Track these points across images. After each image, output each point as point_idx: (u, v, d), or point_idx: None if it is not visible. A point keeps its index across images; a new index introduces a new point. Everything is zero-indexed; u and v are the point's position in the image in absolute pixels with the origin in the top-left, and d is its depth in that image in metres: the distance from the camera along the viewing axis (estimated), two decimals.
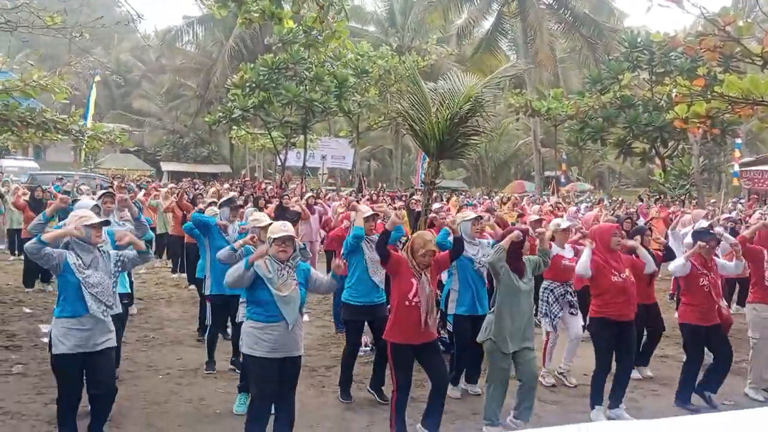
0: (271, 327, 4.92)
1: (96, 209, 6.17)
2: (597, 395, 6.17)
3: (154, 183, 25.22)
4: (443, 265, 5.80)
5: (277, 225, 5.20)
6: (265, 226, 5.83)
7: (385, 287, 6.61)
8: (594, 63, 28.82)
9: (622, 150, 23.21)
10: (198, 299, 9.18)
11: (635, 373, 7.14)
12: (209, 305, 7.75)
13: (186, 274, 12.15)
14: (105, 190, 7.73)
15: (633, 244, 6.87)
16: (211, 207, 8.03)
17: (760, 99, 11.27)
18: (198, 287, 9.04)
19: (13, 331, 8.70)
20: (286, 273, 5.00)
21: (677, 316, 6.95)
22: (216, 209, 7.83)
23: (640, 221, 12.16)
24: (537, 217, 9.38)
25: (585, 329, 7.49)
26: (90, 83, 27.50)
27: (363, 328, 6.89)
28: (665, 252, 7.78)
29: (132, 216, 6.81)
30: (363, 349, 7.60)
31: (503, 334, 5.44)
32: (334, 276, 5.33)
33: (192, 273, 10.72)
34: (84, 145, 23.94)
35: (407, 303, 5.31)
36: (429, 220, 8.19)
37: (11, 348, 7.93)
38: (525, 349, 5.61)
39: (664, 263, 7.73)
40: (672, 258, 7.43)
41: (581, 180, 42.52)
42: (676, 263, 6.71)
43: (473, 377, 6.85)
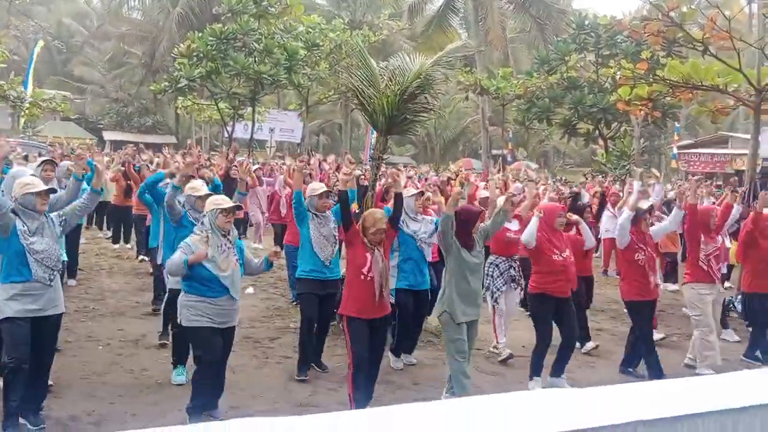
0: (216, 300, 5.04)
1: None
2: (536, 367, 6.34)
3: (96, 153, 24.46)
4: (391, 235, 5.82)
5: (219, 197, 5.27)
6: (203, 195, 5.80)
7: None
8: (543, 44, 29.07)
9: (567, 130, 23.66)
10: (144, 271, 9.01)
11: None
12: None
13: (136, 244, 11.91)
14: (44, 157, 7.49)
15: (577, 218, 7.23)
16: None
17: (699, 84, 11.66)
18: (151, 257, 8.90)
19: None
20: (227, 248, 5.09)
21: (618, 292, 7.18)
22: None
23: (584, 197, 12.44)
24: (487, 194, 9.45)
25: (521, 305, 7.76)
26: (31, 49, 26.48)
27: (317, 301, 6.85)
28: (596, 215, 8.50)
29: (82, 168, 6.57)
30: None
31: (454, 306, 5.55)
32: (266, 262, 5.49)
33: (144, 244, 10.51)
34: (23, 113, 23.16)
35: (362, 277, 5.37)
36: (379, 192, 8.25)
37: None
38: (476, 321, 5.75)
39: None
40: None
41: (527, 159, 43.08)
42: (622, 216, 6.78)
43: (411, 347, 6.99)
